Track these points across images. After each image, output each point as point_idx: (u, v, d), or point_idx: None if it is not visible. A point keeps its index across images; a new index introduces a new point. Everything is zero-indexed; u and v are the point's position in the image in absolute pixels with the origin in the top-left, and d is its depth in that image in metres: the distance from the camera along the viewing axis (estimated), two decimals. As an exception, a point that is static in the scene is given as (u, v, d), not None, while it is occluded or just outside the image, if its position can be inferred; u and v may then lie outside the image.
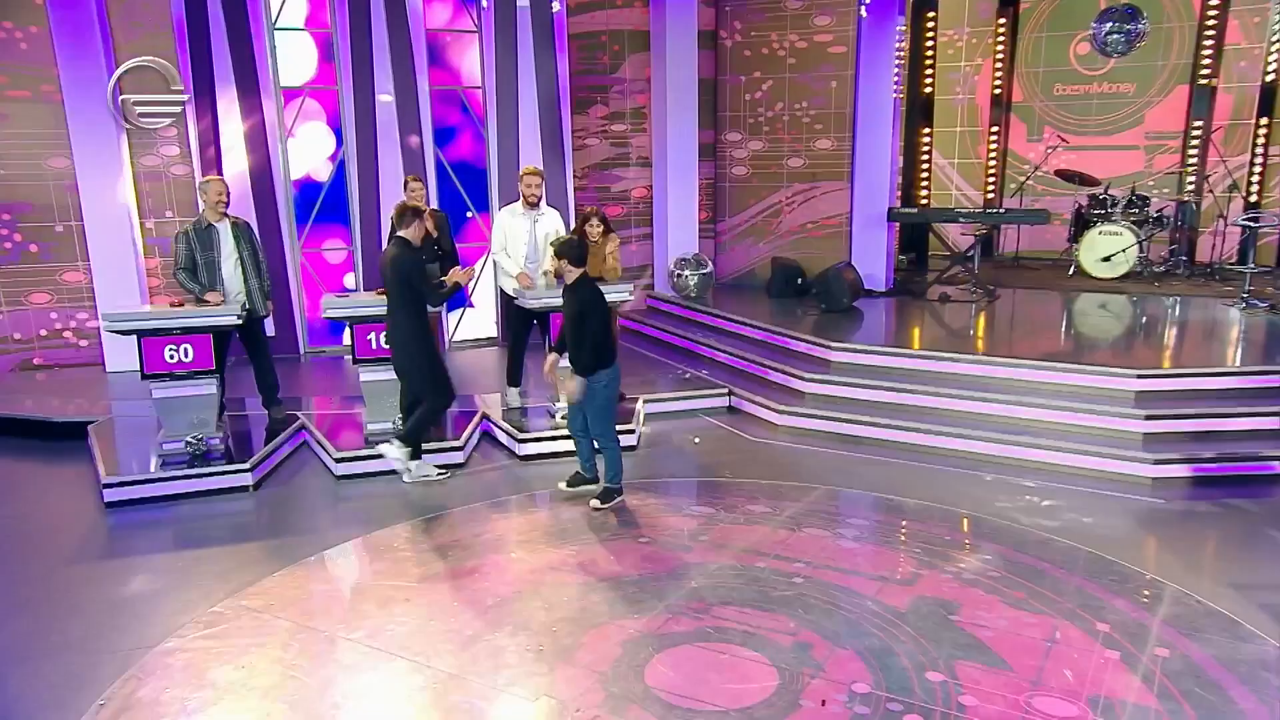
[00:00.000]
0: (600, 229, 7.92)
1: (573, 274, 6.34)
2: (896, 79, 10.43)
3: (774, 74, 10.89)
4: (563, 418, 7.44)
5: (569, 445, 7.43)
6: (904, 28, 10.48)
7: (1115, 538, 5.90)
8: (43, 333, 9.48)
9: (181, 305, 7.12)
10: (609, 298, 7.66)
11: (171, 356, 6.86)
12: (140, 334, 6.80)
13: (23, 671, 4.59)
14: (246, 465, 6.87)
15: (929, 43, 12.27)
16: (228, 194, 7.48)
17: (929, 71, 12.37)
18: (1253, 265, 10.29)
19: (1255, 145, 11.50)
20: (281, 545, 5.96)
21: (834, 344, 8.41)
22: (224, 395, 7.65)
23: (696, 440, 7.91)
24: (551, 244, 6.57)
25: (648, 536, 5.96)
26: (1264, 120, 11.41)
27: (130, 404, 8.30)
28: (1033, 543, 5.81)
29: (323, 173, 10.21)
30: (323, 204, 10.25)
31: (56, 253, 9.37)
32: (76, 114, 9.09)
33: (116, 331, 6.91)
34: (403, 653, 4.64)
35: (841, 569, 5.46)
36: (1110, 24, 12.02)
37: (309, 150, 10.14)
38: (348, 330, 7.44)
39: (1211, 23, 11.47)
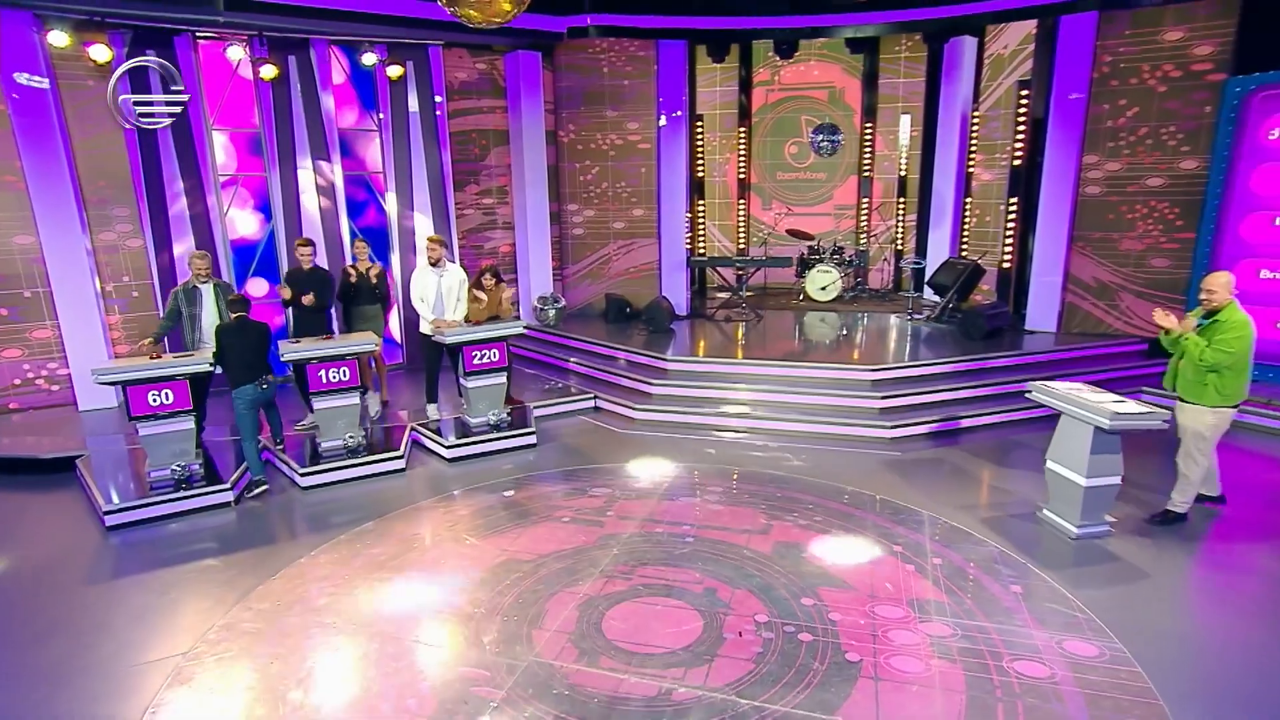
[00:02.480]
0: (494, 280, 7.48)
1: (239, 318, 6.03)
2: (685, 166, 10.45)
3: (600, 162, 10.60)
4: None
5: (487, 448, 6.93)
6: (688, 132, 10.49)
7: (881, 482, 6.04)
8: (16, 382, 7.72)
9: (159, 357, 5.99)
10: (504, 333, 7.18)
11: (154, 400, 5.76)
12: (125, 384, 5.67)
13: (70, 691, 3.68)
14: (227, 484, 5.88)
15: (699, 142, 12.44)
16: (209, 266, 6.69)
17: (700, 161, 12.53)
18: (913, 292, 11.07)
19: (898, 213, 12.40)
20: (271, 551, 5.13)
21: (668, 356, 8.24)
22: (203, 422, 6.57)
23: (571, 435, 7.48)
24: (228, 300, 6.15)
25: (568, 516, 5.52)
26: (901, 198, 12.34)
27: (103, 438, 6.97)
28: (832, 491, 5.84)
29: (256, 238, 8.98)
30: (258, 262, 9.03)
31: (25, 314, 7.64)
32: (41, 199, 7.44)
33: (106, 383, 5.72)
34: (402, 634, 4.08)
35: (716, 526, 5.27)
36: (822, 135, 12.72)
37: (243, 221, 8.87)
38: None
39: (868, 136, 12.32)
